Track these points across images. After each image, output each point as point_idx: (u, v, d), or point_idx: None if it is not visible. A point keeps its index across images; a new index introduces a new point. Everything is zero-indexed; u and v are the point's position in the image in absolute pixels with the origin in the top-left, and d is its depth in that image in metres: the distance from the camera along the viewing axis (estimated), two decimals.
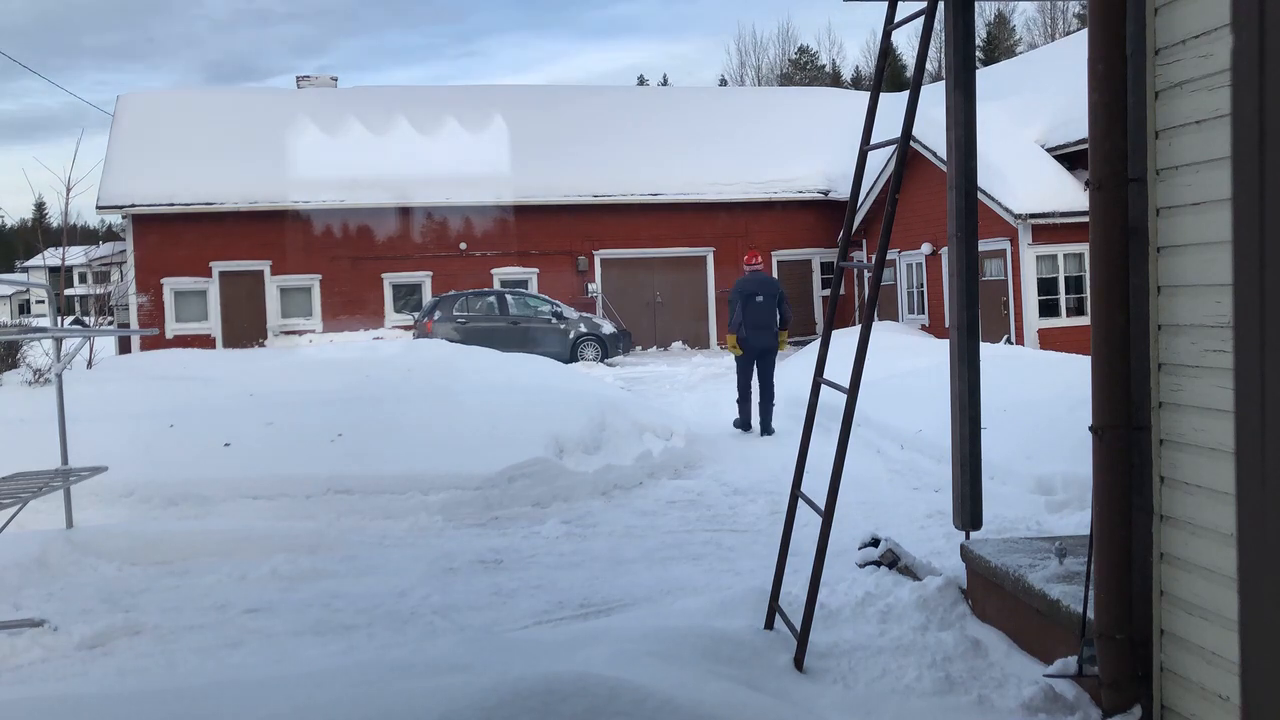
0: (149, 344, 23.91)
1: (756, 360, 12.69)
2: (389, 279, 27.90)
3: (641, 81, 77.03)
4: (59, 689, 4.93)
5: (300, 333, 26.87)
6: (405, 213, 27.74)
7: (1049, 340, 20.11)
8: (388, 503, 8.75)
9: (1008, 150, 20.85)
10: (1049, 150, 21.79)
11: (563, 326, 24.19)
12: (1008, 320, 21.24)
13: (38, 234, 35.55)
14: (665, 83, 75.71)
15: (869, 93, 5.27)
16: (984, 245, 19.44)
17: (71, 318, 35.74)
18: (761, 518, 8.45)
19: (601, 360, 23.83)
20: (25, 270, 65.35)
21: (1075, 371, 8.92)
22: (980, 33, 54.15)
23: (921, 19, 4.81)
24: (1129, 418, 3.76)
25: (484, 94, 31.43)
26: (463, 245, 28.11)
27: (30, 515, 7.08)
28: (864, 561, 5.95)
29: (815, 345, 6.39)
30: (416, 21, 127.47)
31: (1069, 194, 20.59)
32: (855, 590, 5.59)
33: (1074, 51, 22.50)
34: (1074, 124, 20.59)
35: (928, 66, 5.20)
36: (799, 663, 4.65)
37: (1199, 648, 3.47)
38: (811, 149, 29.65)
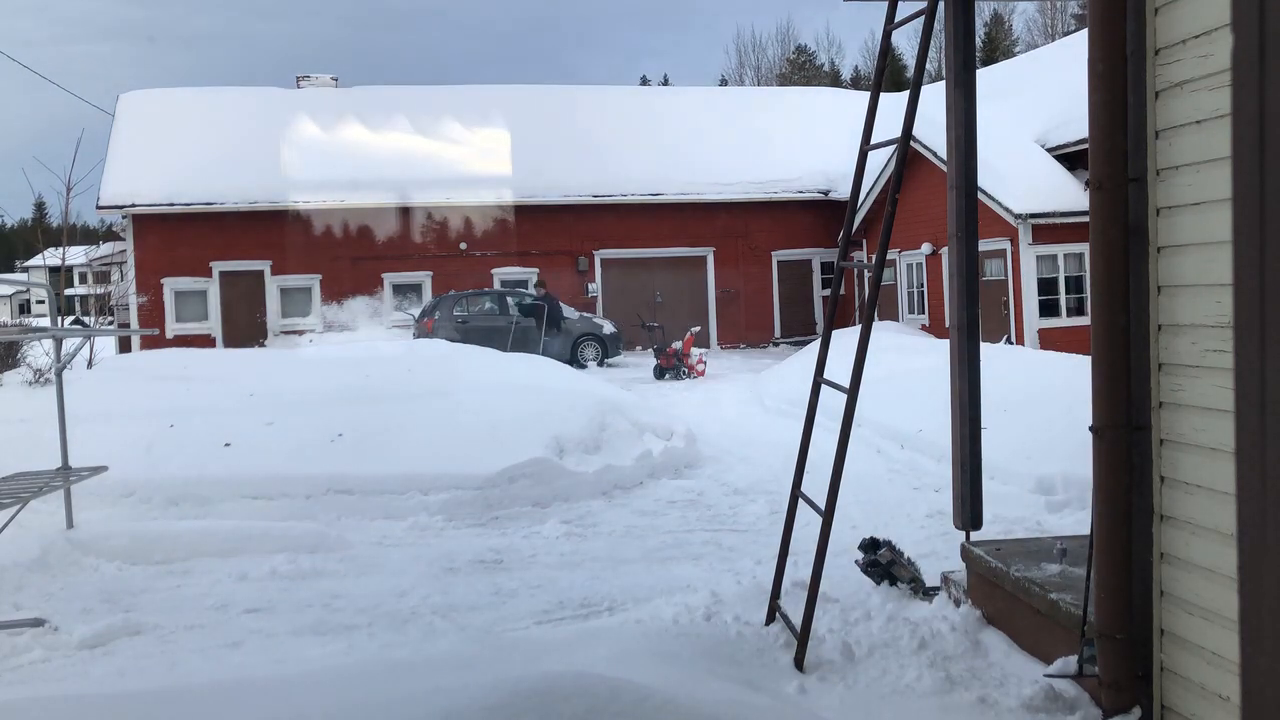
0: (149, 344, 23.87)
1: None
2: (389, 279, 27.89)
3: (643, 82, 77.04)
4: (59, 689, 4.92)
5: (300, 333, 26.86)
6: (405, 213, 27.72)
7: (1049, 340, 20.10)
8: (388, 503, 8.75)
9: (1008, 150, 20.82)
10: (1049, 150, 21.76)
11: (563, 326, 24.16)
12: (1008, 320, 21.22)
13: (38, 234, 35.52)
14: (665, 83, 75.71)
15: (869, 92, 5.27)
16: (984, 245, 19.42)
17: (72, 318, 35.74)
18: (761, 518, 8.45)
19: (602, 360, 23.80)
20: (25, 270, 65.35)
21: (1075, 371, 8.92)
22: (978, 33, 54.10)
23: (921, 19, 4.82)
24: (1129, 418, 3.76)
25: (484, 94, 31.38)
26: (463, 245, 28.09)
27: (30, 515, 7.09)
28: (864, 562, 5.95)
29: (815, 345, 6.38)
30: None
31: (1069, 194, 20.58)
32: (856, 590, 5.59)
33: (1074, 51, 22.51)
34: (1074, 124, 20.57)
35: (928, 66, 5.21)
36: (799, 662, 4.65)
37: (1199, 648, 3.46)
38: (811, 149, 29.63)
